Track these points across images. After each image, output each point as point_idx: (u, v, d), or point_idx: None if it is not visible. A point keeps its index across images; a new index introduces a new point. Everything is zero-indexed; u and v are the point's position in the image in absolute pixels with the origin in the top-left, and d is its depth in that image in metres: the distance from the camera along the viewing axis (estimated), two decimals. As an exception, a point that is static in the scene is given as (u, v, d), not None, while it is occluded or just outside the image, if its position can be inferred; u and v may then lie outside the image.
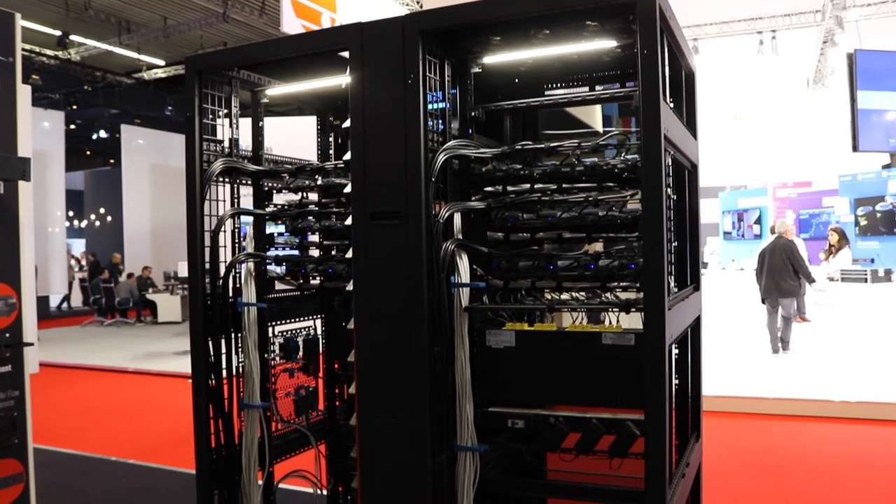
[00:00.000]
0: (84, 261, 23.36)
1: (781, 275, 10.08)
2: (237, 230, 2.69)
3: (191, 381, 2.57)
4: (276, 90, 2.85)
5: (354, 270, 2.18)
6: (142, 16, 15.78)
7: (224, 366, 2.56)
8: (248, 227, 2.76)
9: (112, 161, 26.56)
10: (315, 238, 2.89)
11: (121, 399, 10.02)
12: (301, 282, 2.81)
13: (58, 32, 16.50)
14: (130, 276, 19.89)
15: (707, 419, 2.93)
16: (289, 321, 2.84)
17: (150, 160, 22.99)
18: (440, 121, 2.25)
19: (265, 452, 2.64)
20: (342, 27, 2.35)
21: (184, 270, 15.78)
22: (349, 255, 2.26)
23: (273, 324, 2.74)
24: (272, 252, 2.77)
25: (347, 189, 2.31)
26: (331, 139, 3.13)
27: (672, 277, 2.36)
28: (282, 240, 2.83)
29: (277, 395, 2.73)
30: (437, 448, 2.12)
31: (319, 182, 2.70)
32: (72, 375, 11.87)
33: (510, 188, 2.37)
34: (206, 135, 2.58)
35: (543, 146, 2.24)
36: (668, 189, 2.12)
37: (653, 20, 1.89)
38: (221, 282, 2.53)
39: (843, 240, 12.10)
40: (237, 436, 2.60)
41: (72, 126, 22.95)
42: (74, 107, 21.63)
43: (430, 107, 2.19)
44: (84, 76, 18.71)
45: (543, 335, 2.11)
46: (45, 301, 20.22)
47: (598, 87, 2.60)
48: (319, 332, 2.97)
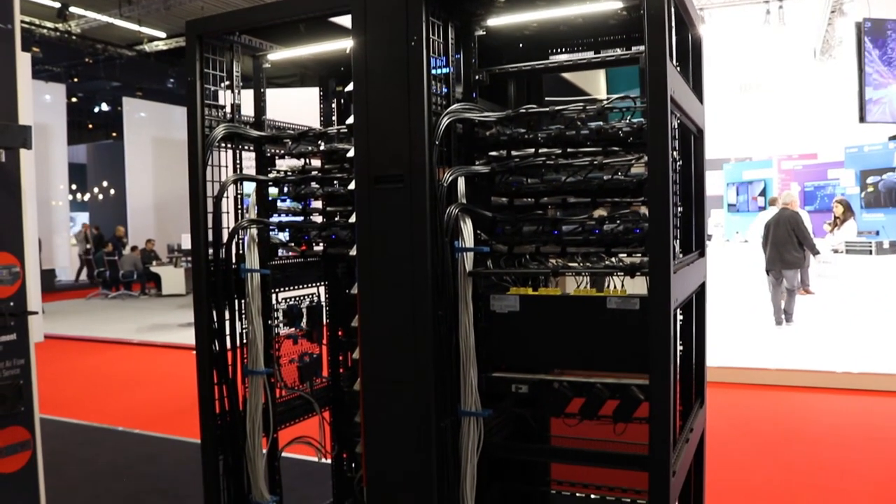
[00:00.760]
0: (88, 233, 23.38)
1: (786, 246, 10.06)
2: (240, 197, 2.67)
3: (195, 349, 2.57)
4: (278, 55, 2.82)
5: (358, 235, 2.17)
6: (142, -14, 15.66)
7: (228, 332, 2.56)
8: (251, 194, 2.74)
9: (114, 134, 26.51)
10: (318, 204, 2.87)
11: (126, 370, 10.08)
12: (304, 248, 2.80)
13: (57, 4, 16.38)
14: (134, 249, 19.92)
15: (710, 390, 2.93)
16: (292, 288, 2.83)
17: (153, 133, 22.94)
18: (444, 85, 2.23)
19: (269, 419, 2.65)
20: (344, -11, 2.32)
21: (187, 243, 15.83)
22: (352, 220, 2.25)
23: (276, 291, 2.74)
24: (275, 218, 2.76)
25: (350, 153, 2.29)
26: (333, 106, 3.11)
27: (677, 242, 2.34)
28: (284, 206, 2.82)
29: (281, 362, 2.73)
30: (441, 413, 2.12)
31: (322, 147, 2.68)
32: (77, 347, 11.94)
33: (514, 153, 2.35)
34: (208, 100, 2.55)
35: (548, 109, 2.22)
36: (674, 152, 2.09)
37: (659, -22, 1.86)
38: (224, 248, 2.52)
39: (848, 212, 12.07)
40: (241, 402, 2.61)
41: (73, 99, 22.85)
42: (75, 79, 21.51)
43: (434, 71, 2.17)
44: (85, 49, 18.58)
45: (548, 300, 2.10)
46: (50, 274, 20.26)
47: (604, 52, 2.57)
48: (323, 300, 2.97)
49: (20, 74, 3.61)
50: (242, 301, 2.60)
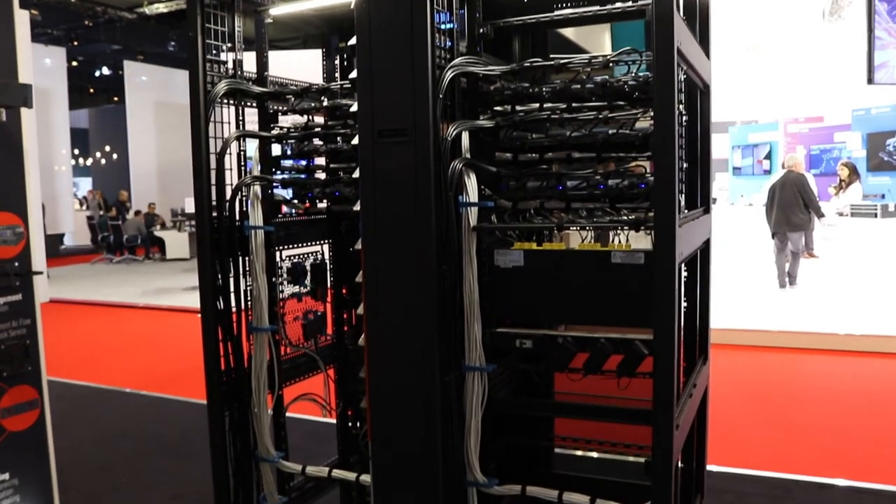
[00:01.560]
0: (91, 198, 23.37)
1: (792, 209, 10.02)
2: (243, 154, 2.66)
3: (199, 308, 2.57)
4: (280, 9, 2.79)
5: (362, 190, 2.16)
6: (142, -53, 15.44)
7: (232, 289, 2.57)
8: (255, 153, 2.73)
9: (116, 98, 26.38)
10: (321, 162, 2.86)
11: (132, 333, 10.15)
12: (308, 205, 2.79)
13: (56, -35, 16.18)
14: (138, 214, 19.94)
15: (713, 351, 2.94)
16: (296, 246, 2.83)
17: (155, 97, 22.81)
18: (448, 38, 2.20)
19: (274, 376, 2.66)
20: (347, -60, 2.28)
21: (191, 207, 15.79)
22: (356, 176, 2.24)
23: (280, 248, 2.73)
24: (279, 176, 2.75)
25: (354, 108, 2.27)
26: (336, 63, 3.07)
27: (682, 197, 2.33)
28: (288, 163, 2.80)
29: (286, 320, 2.74)
30: (446, 368, 2.13)
31: (325, 103, 2.66)
32: (82, 311, 12.01)
33: (519, 108, 2.32)
34: (210, 55, 2.53)
35: (553, 63, 2.19)
36: (680, 106, 2.07)
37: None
38: (228, 205, 2.51)
39: (854, 175, 12.00)
40: (246, 360, 2.62)
41: (74, 63, 22.69)
42: (75, 43, 21.34)
43: (438, 26, 2.13)
44: (84, 11, 18.38)
45: (552, 254, 2.10)
46: (54, 239, 20.30)
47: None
48: (327, 258, 2.97)
49: (19, 32, 3.57)
50: (246, 259, 2.59)
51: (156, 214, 20.37)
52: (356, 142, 2.21)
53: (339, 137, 2.70)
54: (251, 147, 2.72)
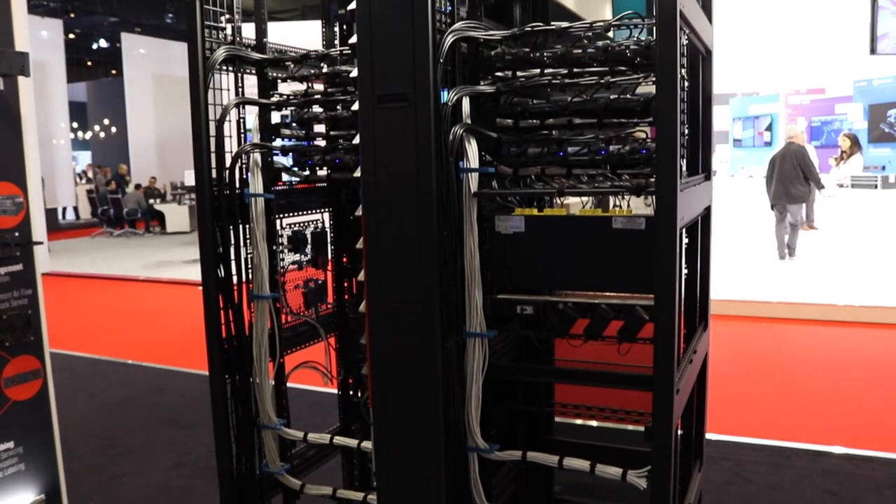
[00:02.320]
0: (91, 173, 23.32)
1: (792, 180, 10.02)
2: (242, 121, 2.64)
3: (201, 277, 2.57)
4: (278, -24, 2.76)
5: (362, 156, 2.15)
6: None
7: (233, 258, 2.56)
8: (254, 122, 2.71)
9: (114, 72, 26.23)
10: (322, 130, 2.84)
11: (133, 306, 10.18)
12: (308, 173, 2.79)
13: (52, -65, 16.01)
14: (138, 188, 19.90)
15: (713, 322, 2.94)
16: (296, 214, 2.82)
17: (153, 70, 22.67)
18: (448, 3, 2.17)
19: (275, 344, 2.67)
20: None
21: (191, 180, 15.77)
22: (356, 142, 2.23)
23: (281, 217, 2.73)
24: (278, 143, 2.74)
25: (354, 74, 2.26)
26: (336, 30, 3.04)
27: (684, 162, 2.32)
28: (287, 131, 2.79)
29: (286, 288, 2.74)
30: (447, 333, 2.13)
31: (325, 70, 2.64)
32: (83, 284, 12.04)
33: (519, 73, 2.31)
34: (208, 21, 2.50)
35: (554, 28, 2.17)
36: (682, 70, 2.06)
37: None
38: (228, 172, 2.50)
39: (855, 146, 11.96)
40: (248, 327, 2.63)
41: (71, 35, 22.52)
42: (72, 15, 21.16)
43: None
44: (81, -18, 18.23)
45: (553, 220, 2.09)
46: (53, 213, 20.28)
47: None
48: (327, 226, 2.97)
49: (15, 0, 3.54)
50: (246, 227, 2.59)
51: (156, 188, 20.34)
52: (356, 108, 2.19)
53: (339, 104, 2.68)
54: (250, 120, 2.70)
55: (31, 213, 3.70)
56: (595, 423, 3.37)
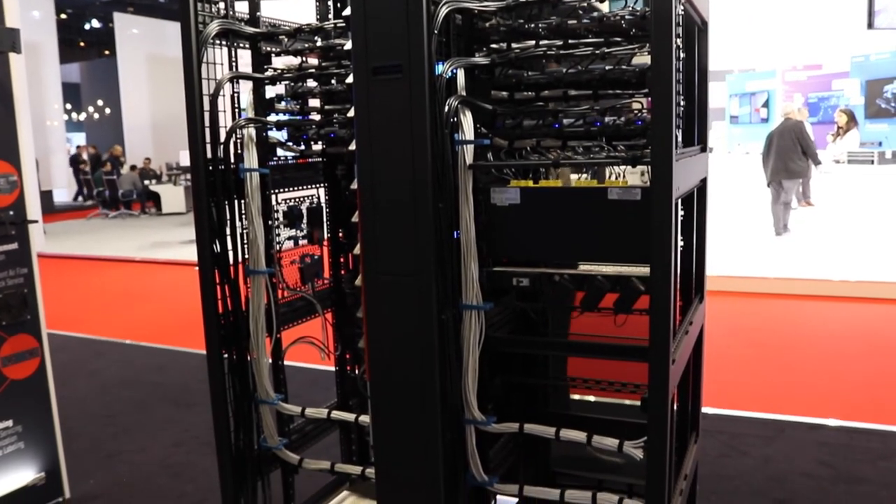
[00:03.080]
0: (85, 154, 23.22)
1: (790, 155, 10.01)
2: (236, 96, 2.63)
3: (196, 251, 2.57)
4: (271, -51, 2.73)
5: (357, 128, 2.14)
6: None
7: (228, 233, 2.56)
8: (248, 96, 2.69)
9: (107, 52, 26.04)
10: (316, 104, 2.83)
11: (130, 287, 10.18)
12: (303, 147, 2.77)
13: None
14: (133, 169, 19.82)
15: (710, 298, 2.95)
16: (292, 189, 2.82)
17: (146, 50, 22.52)
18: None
19: (272, 319, 2.67)
20: None
21: (186, 160, 15.73)
22: (351, 115, 2.22)
23: (276, 192, 2.72)
24: (273, 118, 2.72)
25: (348, 46, 2.25)
26: (329, 4, 3.01)
27: (680, 132, 2.31)
28: (282, 106, 2.77)
29: (282, 263, 2.74)
30: (443, 306, 2.13)
31: (319, 43, 2.63)
32: (80, 265, 12.03)
33: (514, 45, 2.30)
34: (200, -6, 2.48)
35: (549, -2, 2.15)
36: (678, 40, 2.04)
37: None
38: (223, 147, 2.49)
39: (852, 122, 11.95)
40: (244, 303, 2.63)
41: (62, 15, 22.32)
42: (64, -6, 20.98)
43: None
44: (72, -39, 18.04)
45: (549, 191, 2.09)
46: (48, 195, 20.20)
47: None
48: (323, 202, 2.96)
49: (5, -24, 3.51)
50: (242, 202, 2.58)
51: (151, 169, 20.27)
52: (351, 81, 2.18)
53: (334, 78, 2.67)
54: (244, 99, 2.67)
55: (26, 192, 3.70)
56: (592, 399, 3.39)
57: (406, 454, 2.27)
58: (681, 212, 2.43)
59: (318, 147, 2.83)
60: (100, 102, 26.83)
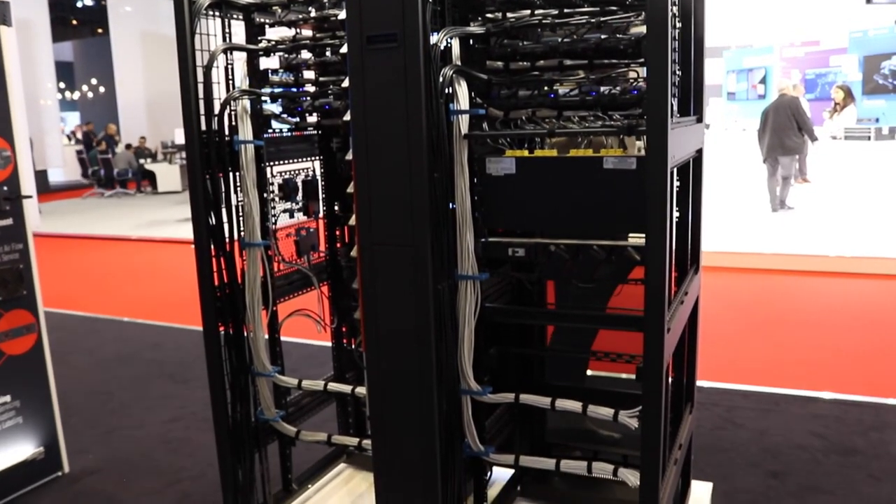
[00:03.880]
0: (80, 134, 23.09)
1: (786, 131, 9.98)
2: (230, 68, 2.61)
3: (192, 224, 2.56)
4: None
5: (351, 98, 2.13)
6: None
7: (223, 206, 2.55)
8: (241, 66, 2.68)
9: (100, 30, 25.80)
10: (311, 75, 2.81)
11: (126, 265, 10.18)
12: (298, 119, 2.76)
13: None
14: (128, 148, 19.73)
15: (706, 274, 2.96)
16: (287, 162, 2.81)
17: (140, 27, 22.31)
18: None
19: (268, 292, 2.67)
20: None
21: (181, 138, 15.62)
22: (346, 85, 2.20)
23: (271, 164, 2.71)
24: (267, 89, 2.70)
25: (342, 15, 2.23)
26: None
27: (675, 101, 2.31)
28: (276, 78, 2.75)
29: (278, 236, 2.73)
30: (439, 276, 2.13)
31: (313, 14, 2.61)
32: (76, 244, 12.01)
33: (510, 14, 2.28)
34: (193, -36, 2.45)
35: (545, -34, 2.14)
36: (674, 8, 2.03)
37: None
38: (217, 119, 2.48)
39: (849, 98, 11.92)
40: (240, 276, 2.62)
41: (54, -8, 22.09)
42: (56, -29, 20.74)
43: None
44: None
45: (544, 161, 2.08)
46: (43, 175, 20.09)
47: None
48: (318, 175, 2.95)
49: (-6, -54, 3.47)
50: (237, 174, 2.57)
51: (146, 148, 20.18)
52: (345, 50, 2.17)
53: (328, 49, 2.65)
54: (238, 76, 2.65)
55: (20, 169, 3.68)
56: (589, 372, 3.40)
57: (402, 424, 2.29)
58: (676, 183, 2.43)
59: (313, 119, 2.82)
60: (93, 81, 26.66)
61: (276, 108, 2.75)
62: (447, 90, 2.07)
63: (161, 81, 21.30)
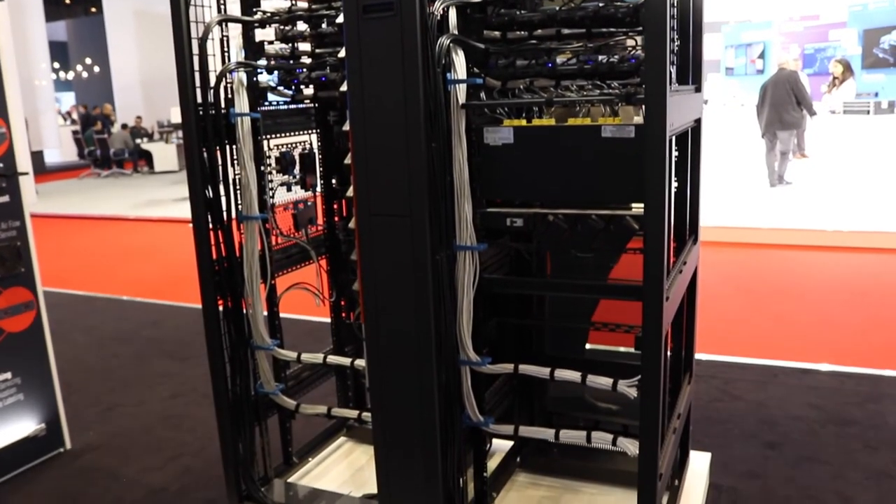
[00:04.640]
0: (76, 114, 22.97)
1: (784, 106, 9.95)
2: (225, 40, 2.59)
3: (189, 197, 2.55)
4: None
5: (348, 68, 2.11)
6: None
7: (221, 179, 2.54)
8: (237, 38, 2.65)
9: (93, 9, 25.58)
10: (307, 48, 2.79)
11: (125, 244, 10.16)
12: (294, 92, 2.74)
13: None
14: (124, 127, 19.64)
15: (704, 249, 2.95)
16: (284, 135, 2.79)
17: (134, 6, 22.14)
18: None
19: (266, 265, 2.66)
20: None
21: (177, 117, 15.54)
22: (342, 55, 2.19)
23: (268, 138, 2.69)
24: (263, 61, 2.68)
25: (337, -16, 2.21)
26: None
27: (674, 69, 2.29)
28: (272, 49, 2.73)
29: (275, 209, 2.72)
30: (437, 247, 2.13)
31: (308, -16, 2.59)
32: (73, 224, 11.99)
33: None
34: (186, -66, 2.43)
35: (542, -67, 2.12)
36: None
37: None
38: (213, 91, 2.46)
39: (848, 71, 11.87)
40: (238, 249, 2.62)
41: (47, -29, 21.89)
42: (48, -51, 20.54)
43: None
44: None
45: (542, 130, 2.07)
46: (39, 156, 20.00)
47: None
48: (315, 148, 2.94)
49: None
50: (234, 147, 2.56)
51: (142, 127, 20.09)
52: (341, 20, 2.15)
53: (324, 20, 2.63)
54: (233, 49, 2.63)
55: (16, 148, 3.66)
56: (588, 346, 3.40)
57: (402, 395, 2.29)
58: (675, 153, 2.42)
59: (310, 91, 2.80)
60: (88, 61, 26.47)
61: (273, 81, 2.73)
62: (444, 60, 2.05)
63: (156, 60, 21.18)
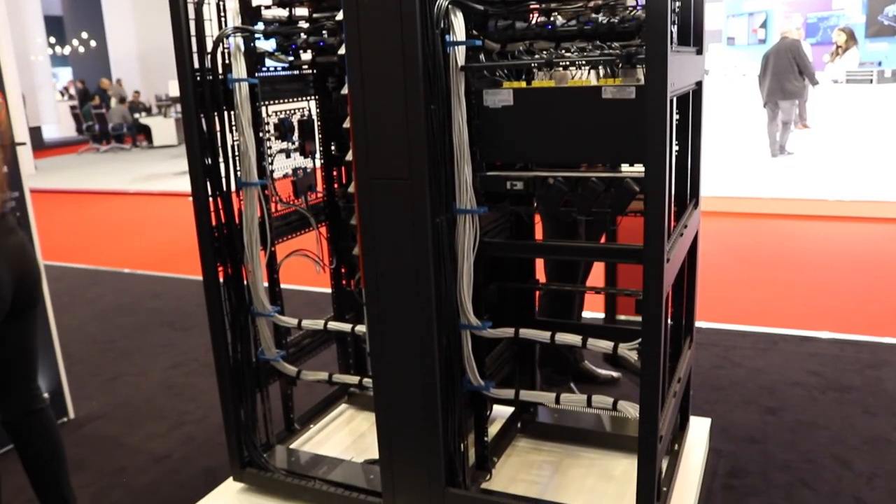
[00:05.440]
0: (73, 89, 22.85)
1: (786, 75, 9.88)
2: (222, 4, 2.55)
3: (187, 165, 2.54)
4: None
5: (346, 30, 2.09)
6: None
7: (220, 146, 2.52)
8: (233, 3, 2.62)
9: (90, -18, 25.34)
10: (304, 13, 2.76)
11: (124, 219, 10.16)
12: (292, 57, 2.72)
13: None
14: (122, 102, 19.53)
15: (705, 219, 2.94)
16: (282, 102, 2.77)
17: (130, -22, 21.91)
18: None
19: (266, 232, 2.65)
20: None
21: (175, 90, 15.46)
22: (339, 17, 2.17)
23: (266, 104, 2.67)
24: (261, 26, 2.65)
25: (333, -55, 2.18)
26: None
27: (675, 28, 2.27)
28: (269, 14, 2.70)
29: (274, 176, 2.71)
30: (437, 210, 2.12)
31: (304, -54, 2.55)
32: (73, 199, 11.97)
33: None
34: None
35: None
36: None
37: None
38: (210, 56, 2.44)
39: (851, 40, 11.75)
40: (238, 216, 2.61)
41: (41, -57, 21.65)
42: (42, -79, 20.31)
43: None
44: None
45: (542, 91, 2.05)
46: (37, 132, 19.92)
47: None
48: (314, 115, 2.92)
49: None
50: (232, 114, 2.54)
51: (140, 102, 19.99)
52: (338, -18, 2.13)
53: (321, -16, 2.60)
54: (230, 14, 2.59)
55: (13, 120, 3.63)
56: (589, 315, 3.41)
57: (402, 360, 2.30)
58: (676, 116, 2.40)
59: (307, 57, 2.77)
60: (84, 35, 26.25)
61: (270, 47, 2.70)
62: (443, 21, 2.03)
63: (154, 34, 21.01)
